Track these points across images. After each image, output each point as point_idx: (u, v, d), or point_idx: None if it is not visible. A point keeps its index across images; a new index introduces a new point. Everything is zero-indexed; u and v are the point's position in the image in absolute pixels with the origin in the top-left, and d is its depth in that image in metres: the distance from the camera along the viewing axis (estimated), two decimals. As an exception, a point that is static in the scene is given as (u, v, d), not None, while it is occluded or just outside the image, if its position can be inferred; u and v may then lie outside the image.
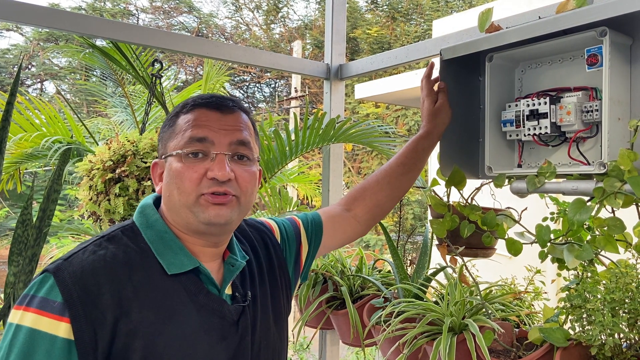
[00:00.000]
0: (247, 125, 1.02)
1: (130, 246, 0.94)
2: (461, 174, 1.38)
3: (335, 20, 2.55)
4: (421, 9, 16.27)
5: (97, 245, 0.92)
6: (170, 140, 0.99)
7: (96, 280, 0.86)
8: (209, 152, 0.95)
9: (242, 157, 0.99)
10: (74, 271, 0.86)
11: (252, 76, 18.19)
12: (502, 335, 1.37)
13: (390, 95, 5.85)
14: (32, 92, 16.94)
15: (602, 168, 1.11)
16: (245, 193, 0.99)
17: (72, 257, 0.89)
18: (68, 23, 1.82)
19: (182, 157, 0.95)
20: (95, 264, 0.88)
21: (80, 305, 0.83)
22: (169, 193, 0.97)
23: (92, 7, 16.83)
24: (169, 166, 0.97)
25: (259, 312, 1.04)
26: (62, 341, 0.82)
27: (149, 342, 0.86)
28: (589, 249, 1.17)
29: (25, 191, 3.66)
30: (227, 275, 1.01)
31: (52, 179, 1.84)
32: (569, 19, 1.12)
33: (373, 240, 12.29)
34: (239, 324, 0.98)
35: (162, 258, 0.94)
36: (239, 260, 1.04)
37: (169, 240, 0.96)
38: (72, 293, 0.84)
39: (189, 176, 0.94)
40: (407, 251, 1.99)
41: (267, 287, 1.11)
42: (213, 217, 0.94)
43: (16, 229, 1.79)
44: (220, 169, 0.94)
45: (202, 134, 0.95)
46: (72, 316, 0.83)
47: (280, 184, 3.34)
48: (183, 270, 0.94)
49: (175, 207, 0.97)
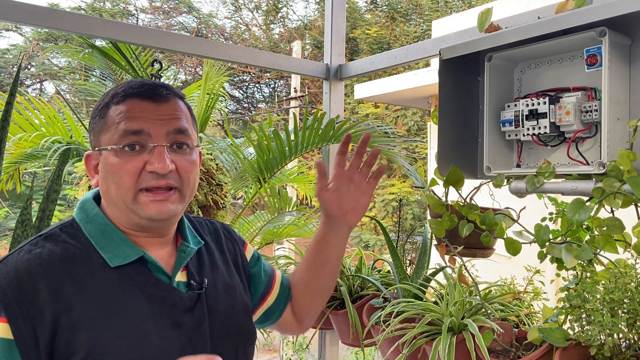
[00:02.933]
0: (184, 112, 0.99)
1: (70, 242, 0.92)
2: (459, 173, 1.38)
3: (334, 20, 2.55)
4: (420, 9, 16.27)
5: (34, 244, 0.91)
6: (102, 133, 0.94)
7: (31, 279, 0.85)
8: (146, 145, 0.92)
9: (182, 146, 0.96)
10: (8, 271, 0.85)
11: (252, 76, 18.19)
12: (502, 335, 1.37)
13: (389, 95, 5.85)
14: (31, 92, 16.94)
15: (602, 168, 1.11)
16: (187, 183, 0.96)
17: (7, 258, 0.88)
18: (67, 23, 1.82)
19: (117, 152, 0.91)
20: (30, 262, 0.87)
21: (16, 304, 0.83)
22: (107, 188, 0.94)
23: (91, 7, 16.82)
24: (105, 161, 0.93)
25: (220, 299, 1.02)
26: (2, 341, 0.81)
27: (94, 335, 0.85)
28: (588, 249, 1.17)
29: (25, 191, 3.66)
30: (178, 262, 0.99)
31: (52, 179, 1.84)
32: (568, 19, 1.12)
33: (372, 241, 12.29)
34: (194, 311, 0.95)
35: (104, 251, 0.92)
36: (190, 246, 1.02)
37: (111, 233, 0.94)
38: (7, 293, 0.83)
39: (126, 170, 0.91)
40: (407, 251, 1.99)
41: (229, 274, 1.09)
42: (155, 214, 0.93)
43: (15, 229, 1.79)
44: (160, 161, 0.91)
45: (137, 127, 0.92)
46: (9, 316, 0.82)
47: (280, 184, 3.33)
48: (127, 261, 0.92)
49: (114, 202, 0.94)
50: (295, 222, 3.07)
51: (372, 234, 12.69)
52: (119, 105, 0.94)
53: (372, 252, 9.76)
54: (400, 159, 2.47)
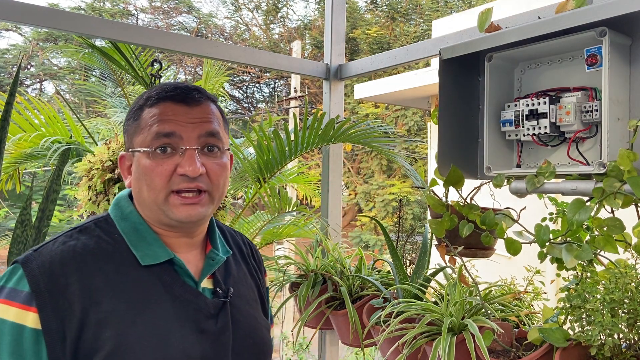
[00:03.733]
0: (216, 115, 1.00)
1: (103, 237, 0.93)
2: (459, 173, 1.38)
3: (334, 20, 2.55)
4: (420, 9, 16.27)
5: (68, 236, 0.92)
6: (136, 135, 0.96)
7: (64, 271, 0.86)
8: (178, 147, 0.93)
9: (213, 149, 0.97)
10: (43, 262, 0.86)
11: (252, 76, 18.19)
12: (502, 335, 1.37)
13: (389, 95, 5.85)
14: (31, 92, 16.94)
15: (602, 168, 1.11)
16: (217, 186, 0.97)
17: (42, 247, 0.89)
18: (67, 23, 1.82)
19: (149, 154, 0.93)
20: (64, 254, 0.88)
21: (47, 295, 0.83)
22: (139, 189, 0.95)
23: (91, 7, 16.82)
24: (137, 162, 0.95)
25: (243, 310, 1.03)
26: (30, 331, 0.82)
27: (120, 332, 0.85)
28: (588, 249, 1.17)
29: (25, 191, 3.66)
30: (206, 269, 1.00)
31: (51, 179, 1.83)
32: (569, 19, 1.12)
33: (372, 241, 12.29)
34: (218, 318, 0.96)
35: (136, 249, 0.93)
36: (220, 254, 1.03)
37: (143, 232, 0.95)
38: (40, 283, 0.84)
39: (158, 172, 0.92)
40: (407, 251, 1.98)
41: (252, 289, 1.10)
42: (184, 217, 0.94)
43: (15, 229, 1.79)
44: (191, 164, 0.92)
45: (169, 129, 0.93)
46: (39, 306, 0.82)
47: (280, 184, 3.33)
48: (157, 261, 0.93)
49: (146, 203, 0.95)
50: (295, 222, 3.06)
51: (372, 234, 12.69)
52: (152, 108, 0.95)
53: (372, 252, 9.76)
54: (400, 159, 2.47)
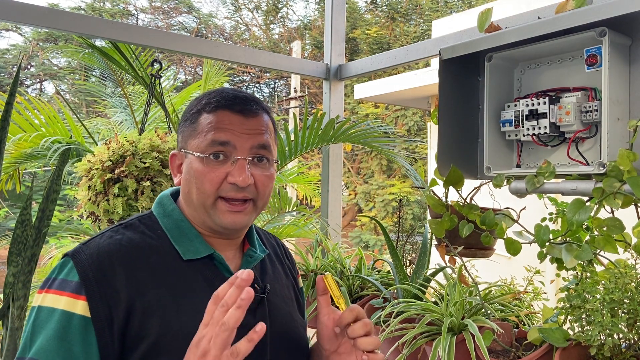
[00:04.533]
0: (269, 128, 1.03)
1: (147, 233, 0.97)
2: (458, 173, 1.38)
3: (334, 20, 2.55)
4: (420, 9, 16.27)
5: (115, 231, 0.97)
6: (191, 138, 1.00)
7: (111, 262, 0.90)
8: (230, 156, 0.97)
9: (262, 160, 1.00)
10: (91, 253, 0.91)
11: (252, 76, 18.19)
12: (502, 335, 1.37)
13: (389, 95, 5.85)
14: (31, 92, 16.94)
15: (602, 168, 1.11)
16: (263, 196, 1.01)
17: (90, 241, 0.94)
18: (67, 23, 1.82)
19: (203, 159, 0.97)
20: (110, 247, 0.92)
21: (95, 284, 0.87)
22: (188, 190, 0.99)
23: (91, 7, 16.82)
24: (189, 164, 0.99)
25: (280, 306, 1.06)
26: (79, 318, 0.86)
27: (165, 320, 0.89)
28: (588, 249, 1.17)
29: (25, 191, 3.66)
30: (244, 266, 1.04)
31: (52, 179, 1.83)
32: (568, 19, 1.12)
33: (372, 241, 12.29)
34: (256, 312, 0.99)
35: (178, 244, 0.97)
36: (257, 252, 1.07)
37: (185, 228, 0.99)
38: (88, 273, 0.88)
39: (209, 178, 0.96)
40: (407, 251, 1.98)
41: (288, 288, 1.13)
42: (229, 223, 0.97)
43: (15, 229, 1.79)
44: (241, 174, 0.95)
45: (224, 138, 0.96)
46: (88, 294, 0.86)
47: (280, 184, 3.33)
48: (198, 256, 0.97)
49: (193, 204, 0.99)
50: (295, 222, 3.07)
51: (372, 234, 12.69)
52: (209, 115, 0.99)
53: (372, 252, 9.76)
54: (400, 159, 2.47)
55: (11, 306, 1.74)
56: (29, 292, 1.79)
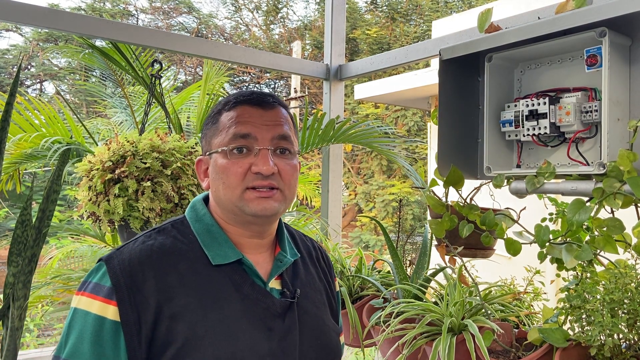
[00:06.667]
0: (287, 120, 1.06)
1: (178, 238, 1.00)
2: (459, 173, 1.38)
3: (334, 20, 2.56)
4: (420, 9, 16.27)
5: (147, 236, 0.99)
6: (214, 137, 1.03)
7: (142, 268, 0.93)
8: (253, 148, 1.00)
9: (284, 151, 1.03)
10: (123, 259, 0.93)
11: (252, 77, 18.19)
12: (502, 335, 1.37)
13: (389, 95, 5.85)
14: (31, 92, 16.93)
15: (602, 168, 1.11)
16: (289, 185, 1.03)
17: (124, 247, 0.97)
18: (67, 23, 1.82)
19: (227, 153, 0.99)
20: (142, 253, 0.95)
21: (126, 290, 0.90)
22: (216, 188, 1.02)
23: (91, 7, 16.82)
24: (215, 162, 1.02)
25: (310, 311, 1.06)
26: (110, 322, 0.89)
27: (192, 326, 0.91)
28: (588, 249, 1.17)
29: (25, 192, 3.65)
30: (274, 270, 1.05)
31: (52, 179, 1.84)
32: (568, 19, 1.12)
33: (372, 241, 12.28)
34: (285, 318, 1.00)
35: (208, 249, 0.99)
36: (287, 257, 1.08)
37: (215, 233, 1.01)
38: (120, 279, 0.91)
39: (234, 171, 0.98)
40: (407, 252, 1.98)
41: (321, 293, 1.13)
42: (260, 210, 0.99)
43: (15, 230, 1.79)
44: (264, 163, 0.98)
45: (245, 130, 0.99)
46: (119, 300, 0.89)
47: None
48: (227, 261, 0.98)
49: (222, 201, 1.01)
50: (296, 223, 3.07)
51: (372, 234, 12.69)
52: (229, 112, 1.03)
53: (372, 252, 9.76)
54: (400, 160, 2.47)
55: (11, 306, 1.74)
56: (29, 292, 1.79)
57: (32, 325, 6.44)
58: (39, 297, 2.89)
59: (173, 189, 1.86)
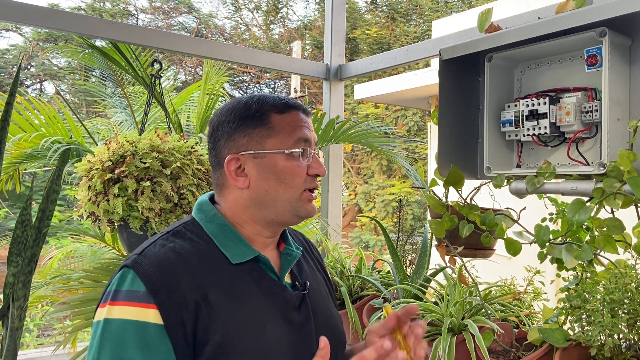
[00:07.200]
0: None
1: (195, 239, 1.00)
2: (459, 173, 1.38)
3: (334, 20, 2.55)
4: (420, 9, 16.27)
5: (165, 239, 0.99)
6: (269, 138, 1.03)
7: (173, 269, 0.92)
8: (308, 151, 1.05)
9: (318, 154, 1.09)
10: (152, 262, 0.92)
11: (252, 77, 18.19)
12: (502, 335, 1.37)
13: (389, 95, 5.85)
14: (31, 92, 16.92)
15: (602, 168, 1.11)
16: None
17: (144, 251, 0.95)
18: (67, 23, 1.82)
19: (292, 156, 1.02)
20: (168, 255, 0.94)
21: (163, 291, 0.89)
22: (268, 189, 1.02)
23: (91, 7, 16.81)
24: (272, 163, 1.02)
25: (319, 301, 1.10)
26: (153, 326, 0.87)
27: (225, 323, 0.92)
28: (588, 249, 1.17)
29: (25, 191, 3.65)
30: (285, 264, 1.07)
31: (52, 179, 1.83)
32: (569, 19, 1.12)
33: (372, 241, 12.28)
34: (301, 309, 1.03)
35: (226, 249, 1.00)
36: (294, 250, 1.11)
37: (229, 232, 1.02)
38: (155, 281, 0.89)
39: (299, 173, 1.02)
40: (407, 252, 1.98)
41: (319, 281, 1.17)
42: (310, 211, 1.05)
43: (15, 230, 1.79)
44: (320, 166, 1.05)
45: (306, 135, 1.04)
46: (158, 302, 0.88)
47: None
48: (245, 259, 1.00)
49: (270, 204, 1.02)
50: (295, 223, 3.05)
51: (372, 234, 12.69)
52: (283, 115, 1.04)
53: (372, 252, 9.76)
54: (400, 160, 2.47)
55: (11, 306, 1.73)
56: (28, 292, 1.79)
57: (32, 325, 6.44)
58: (39, 297, 2.89)
59: (172, 189, 1.86)
